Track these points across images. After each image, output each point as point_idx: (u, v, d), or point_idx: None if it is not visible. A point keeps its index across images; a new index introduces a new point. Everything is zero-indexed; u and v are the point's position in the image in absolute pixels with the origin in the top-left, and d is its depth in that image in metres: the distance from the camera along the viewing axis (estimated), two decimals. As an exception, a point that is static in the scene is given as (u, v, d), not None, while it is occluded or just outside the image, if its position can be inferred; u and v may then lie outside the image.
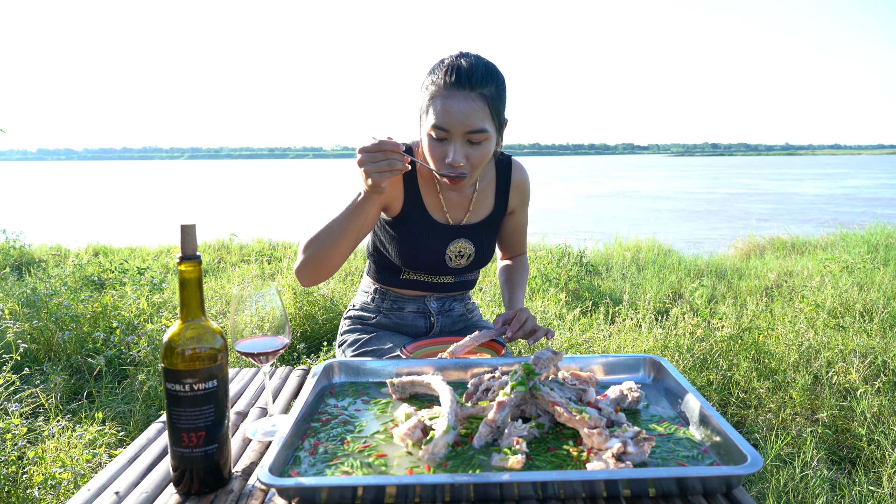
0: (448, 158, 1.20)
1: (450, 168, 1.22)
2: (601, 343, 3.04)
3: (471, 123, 1.19)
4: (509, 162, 1.47)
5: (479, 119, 1.20)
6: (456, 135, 1.20)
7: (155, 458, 0.93)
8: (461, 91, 1.18)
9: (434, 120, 1.20)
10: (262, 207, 16.78)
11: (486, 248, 1.45)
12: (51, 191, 26.71)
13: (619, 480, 0.78)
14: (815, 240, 6.93)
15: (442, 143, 1.22)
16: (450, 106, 1.18)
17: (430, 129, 1.22)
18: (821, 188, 22.56)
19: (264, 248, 6.67)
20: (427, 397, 1.07)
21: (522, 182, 1.48)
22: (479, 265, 1.48)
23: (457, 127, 1.19)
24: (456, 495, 0.78)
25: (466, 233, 1.42)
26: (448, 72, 1.19)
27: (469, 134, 1.20)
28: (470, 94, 1.18)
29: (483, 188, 1.44)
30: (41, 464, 1.78)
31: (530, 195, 1.53)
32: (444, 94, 1.19)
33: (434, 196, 1.39)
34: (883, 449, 2.08)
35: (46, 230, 9.68)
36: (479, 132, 1.20)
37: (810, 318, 3.25)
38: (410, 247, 1.38)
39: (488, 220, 1.45)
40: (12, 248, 6.16)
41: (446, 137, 1.21)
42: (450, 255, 1.41)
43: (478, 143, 1.22)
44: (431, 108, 1.21)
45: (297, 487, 0.77)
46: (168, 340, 0.80)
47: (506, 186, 1.46)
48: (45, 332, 3.09)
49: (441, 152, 1.22)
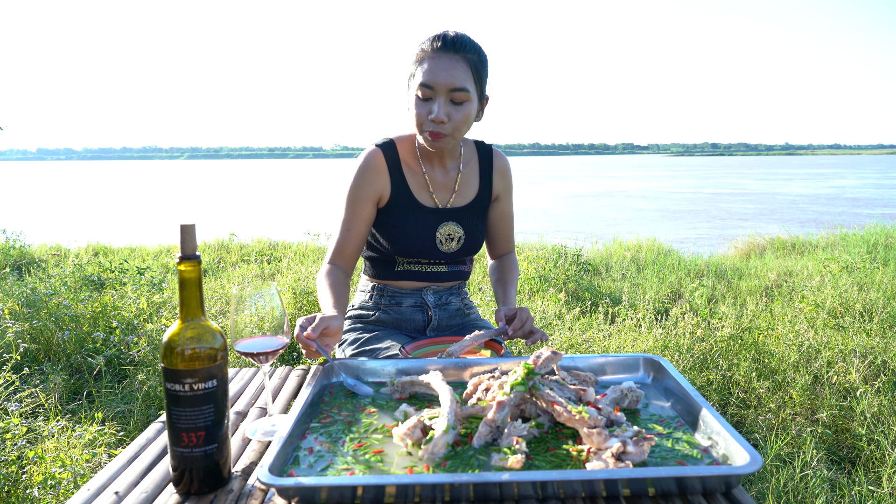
0: (432, 115, 1.30)
1: (433, 126, 1.31)
2: (601, 343, 3.04)
3: (454, 81, 1.29)
4: (490, 149, 1.55)
5: (462, 79, 1.30)
6: (440, 91, 1.29)
7: (154, 458, 0.93)
8: (446, 53, 1.30)
9: (421, 79, 1.30)
10: (262, 207, 16.79)
11: (476, 233, 1.49)
12: (51, 191, 26.72)
13: (619, 480, 0.78)
14: (815, 240, 6.96)
15: (427, 102, 1.31)
16: (435, 65, 1.29)
17: (416, 90, 1.31)
18: (806, 188, 22.59)
19: (264, 247, 6.68)
20: (427, 397, 1.07)
21: (504, 167, 1.55)
22: (471, 250, 1.51)
23: (441, 85, 1.29)
24: (456, 495, 0.78)
25: (454, 216, 1.46)
26: (435, 38, 1.31)
27: (452, 92, 1.29)
28: (455, 56, 1.30)
29: (466, 172, 1.50)
30: (41, 463, 1.78)
31: (513, 185, 1.59)
32: (430, 56, 1.30)
33: (420, 179, 1.45)
34: (883, 449, 2.08)
35: (46, 230, 9.69)
36: (462, 90, 1.30)
37: (810, 317, 3.25)
38: (401, 232, 1.43)
39: (474, 203, 1.50)
40: (12, 247, 6.16)
41: (431, 96, 1.30)
42: (440, 239, 1.45)
43: (460, 102, 1.31)
44: (419, 70, 1.31)
45: (297, 487, 0.77)
46: (168, 340, 0.80)
47: (488, 170, 1.52)
48: (44, 332, 3.09)
49: (426, 110, 1.31)
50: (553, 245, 5.49)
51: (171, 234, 8.17)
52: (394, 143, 1.45)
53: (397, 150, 1.44)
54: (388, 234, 1.44)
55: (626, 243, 6.96)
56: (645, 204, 16.37)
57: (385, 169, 1.42)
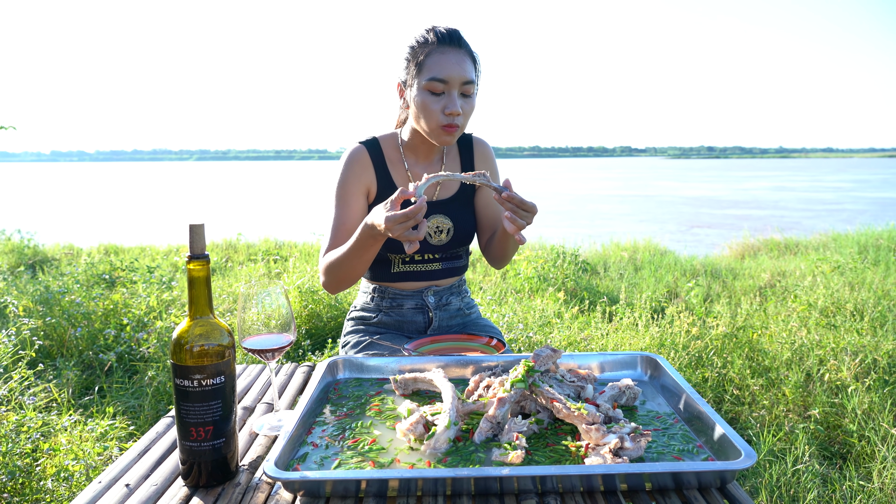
0: (448, 108, 1.30)
1: (448, 119, 1.30)
2: (599, 341, 3.06)
3: (466, 74, 1.30)
4: (470, 137, 1.54)
5: (470, 72, 1.32)
6: (454, 85, 1.30)
7: (164, 452, 0.96)
8: (452, 47, 1.31)
9: (432, 74, 1.29)
10: (269, 208, 16.86)
11: (465, 223, 1.48)
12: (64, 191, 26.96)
13: (616, 475, 0.79)
14: (808, 241, 6.99)
15: (439, 96, 1.31)
16: (446, 59, 1.29)
17: (427, 85, 1.30)
18: (731, 191, 22.42)
19: (271, 247, 6.72)
20: (429, 393, 1.09)
21: (485, 152, 1.55)
22: (462, 242, 1.49)
23: (455, 78, 1.29)
24: (457, 489, 0.80)
25: (441, 208, 1.46)
26: (436, 33, 1.32)
27: (464, 85, 1.30)
28: (460, 50, 1.32)
29: (449, 163, 1.50)
30: (54, 456, 1.81)
31: (498, 170, 1.57)
32: (438, 51, 1.30)
33: (402, 174, 1.45)
34: (873, 444, 2.10)
35: (59, 230, 9.80)
36: (471, 83, 1.32)
37: (803, 317, 3.28)
38: None
39: (460, 194, 1.49)
40: (26, 247, 6.24)
41: (444, 90, 1.30)
42: (429, 232, 1.45)
43: (468, 95, 1.33)
44: (426, 66, 1.30)
45: (303, 481, 0.79)
46: (177, 337, 0.82)
47: (470, 158, 1.52)
48: (58, 329, 3.14)
49: (440, 105, 1.31)
50: (552, 245, 5.51)
51: (181, 234, 8.23)
52: (377, 140, 1.46)
53: (381, 147, 1.45)
54: None
55: (623, 244, 6.98)
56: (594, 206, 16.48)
57: (370, 165, 1.43)
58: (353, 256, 1.28)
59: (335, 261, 1.32)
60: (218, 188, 28.97)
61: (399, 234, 1.12)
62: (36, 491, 1.73)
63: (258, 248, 6.63)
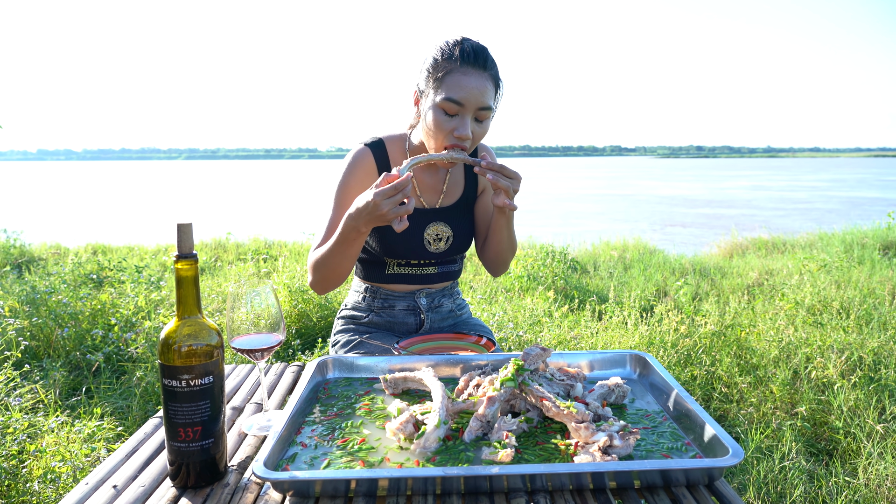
0: (458, 132, 1.27)
1: (456, 141, 1.28)
2: (588, 340, 3.08)
3: (484, 100, 1.26)
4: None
5: (490, 97, 1.28)
6: (469, 109, 1.26)
7: (152, 453, 0.95)
8: (476, 69, 1.26)
9: (450, 94, 1.25)
10: (259, 207, 16.79)
11: (464, 231, 1.48)
12: (50, 190, 26.67)
13: (606, 473, 0.80)
14: (795, 239, 7.08)
15: (452, 117, 1.27)
16: (466, 82, 1.25)
17: (441, 103, 1.26)
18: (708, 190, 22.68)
19: (260, 246, 6.68)
20: (419, 393, 1.09)
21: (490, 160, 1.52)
22: (459, 249, 1.49)
23: (472, 102, 1.25)
24: (447, 488, 0.80)
25: (442, 215, 1.45)
26: (462, 50, 1.26)
27: (479, 111, 1.27)
28: (484, 74, 1.27)
29: (454, 171, 1.49)
30: (41, 458, 1.79)
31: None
32: (460, 70, 1.25)
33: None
34: (858, 441, 2.13)
35: (46, 229, 9.67)
36: (488, 109, 1.28)
37: (790, 315, 3.31)
38: (388, 234, 1.42)
39: (461, 202, 1.49)
40: (13, 246, 6.17)
41: (458, 112, 1.27)
42: (428, 239, 1.44)
43: (482, 120, 1.29)
44: (445, 83, 1.26)
45: (292, 481, 0.79)
46: (165, 337, 0.82)
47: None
48: (44, 329, 3.10)
49: (450, 126, 1.28)
50: (542, 244, 5.53)
51: (169, 234, 8.17)
52: (383, 142, 1.43)
53: (386, 151, 1.42)
54: (375, 235, 1.43)
55: (612, 243, 7.02)
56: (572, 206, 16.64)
57: (374, 170, 1.40)
58: (336, 252, 1.27)
59: (320, 258, 1.32)
60: (207, 187, 28.79)
61: (388, 211, 1.12)
62: (22, 493, 1.71)
63: (248, 248, 6.60)
